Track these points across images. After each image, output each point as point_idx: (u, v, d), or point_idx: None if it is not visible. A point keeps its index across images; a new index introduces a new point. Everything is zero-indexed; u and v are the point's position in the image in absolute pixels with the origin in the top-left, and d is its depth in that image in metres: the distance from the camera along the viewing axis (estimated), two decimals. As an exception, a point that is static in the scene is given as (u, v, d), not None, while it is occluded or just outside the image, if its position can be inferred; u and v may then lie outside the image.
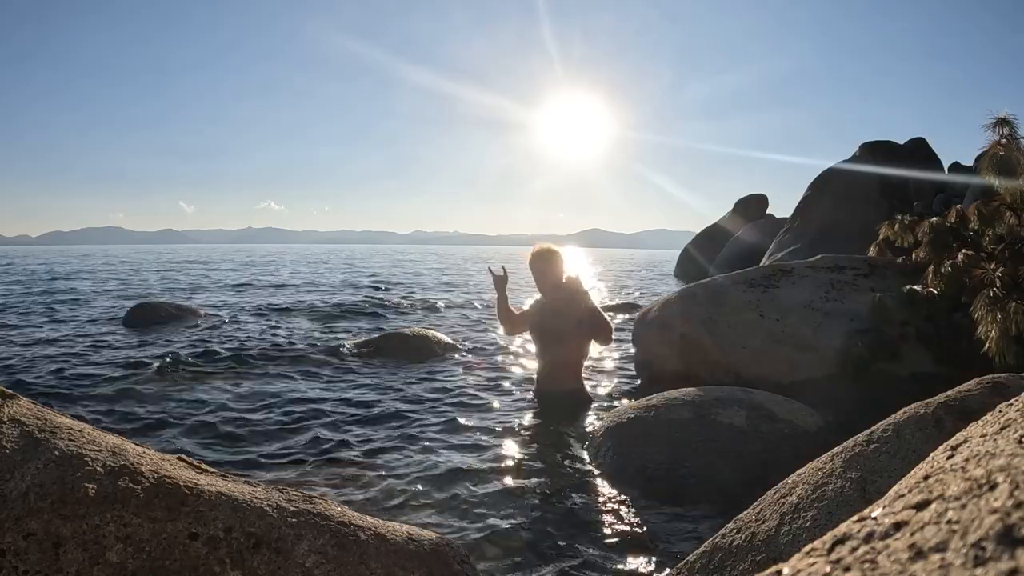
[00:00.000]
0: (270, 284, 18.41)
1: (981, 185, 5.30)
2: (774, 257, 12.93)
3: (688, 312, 5.26)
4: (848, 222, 11.51)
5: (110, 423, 4.42)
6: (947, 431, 1.70)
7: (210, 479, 1.56)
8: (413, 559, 1.61)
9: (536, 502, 3.17)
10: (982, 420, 1.01)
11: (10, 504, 1.31)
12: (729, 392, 3.81)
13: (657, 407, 3.71)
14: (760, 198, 23.37)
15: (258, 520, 1.47)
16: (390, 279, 21.08)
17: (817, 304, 4.93)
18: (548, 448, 3.98)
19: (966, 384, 2.08)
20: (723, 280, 5.55)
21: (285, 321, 10.10)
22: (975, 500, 0.51)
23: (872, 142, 13.90)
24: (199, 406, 4.91)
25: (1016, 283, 3.89)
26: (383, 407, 4.92)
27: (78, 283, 18.46)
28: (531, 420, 4.56)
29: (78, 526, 1.32)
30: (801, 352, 4.67)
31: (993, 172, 4.37)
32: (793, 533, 1.75)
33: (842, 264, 5.40)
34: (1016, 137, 4.44)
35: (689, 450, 3.35)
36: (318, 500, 1.63)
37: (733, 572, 1.76)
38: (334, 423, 4.49)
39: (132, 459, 1.49)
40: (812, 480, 1.90)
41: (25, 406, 1.58)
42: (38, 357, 6.79)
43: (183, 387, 5.55)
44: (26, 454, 1.42)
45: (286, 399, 5.14)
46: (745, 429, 3.40)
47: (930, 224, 5.14)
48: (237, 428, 4.35)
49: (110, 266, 30.26)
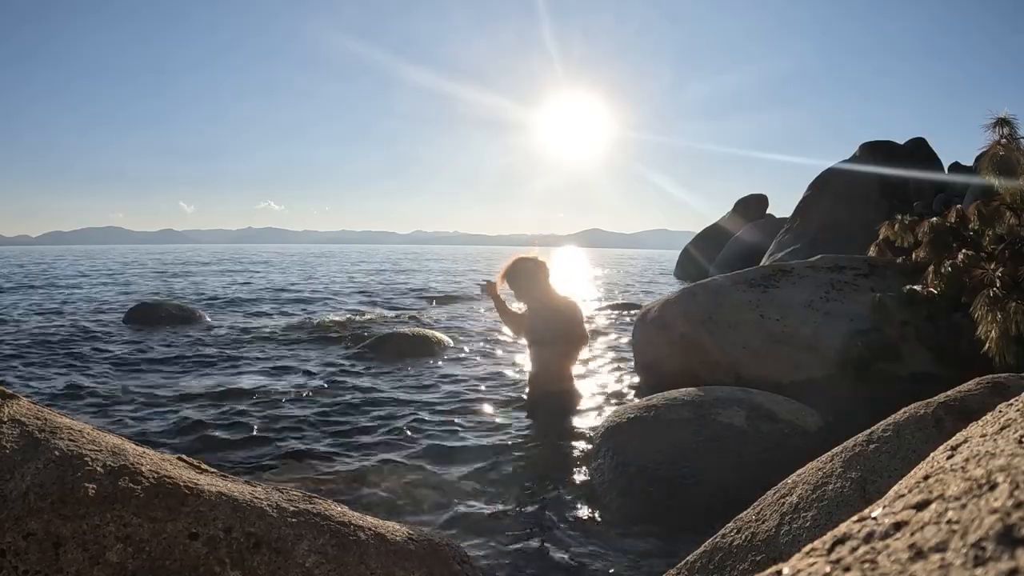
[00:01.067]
0: (272, 287, 18.42)
1: (981, 185, 5.30)
2: (774, 257, 12.93)
3: (688, 312, 5.26)
4: (848, 222, 11.51)
5: (107, 423, 4.42)
6: (947, 431, 1.70)
7: (210, 479, 1.56)
8: (413, 559, 1.61)
9: (536, 502, 3.18)
10: (982, 420, 1.01)
11: (10, 504, 1.31)
12: (729, 392, 3.81)
13: (657, 407, 3.71)
14: (760, 198, 23.38)
15: (258, 520, 1.47)
16: (402, 287, 21.07)
17: (817, 304, 4.93)
18: (548, 448, 3.98)
19: (966, 384, 2.08)
20: (723, 280, 5.55)
21: (286, 321, 10.10)
22: (975, 500, 0.51)
23: (872, 142, 13.90)
24: (199, 405, 4.91)
25: (1016, 283, 3.89)
26: (383, 407, 4.92)
27: (79, 283, 18.47)
28: (531, 420, 4.56)
29: (78, 526, 1.32)
30: (801, 352, 4.67)
31: (993, 172, 4.37)
32: (793, 533, 1.74)
33: (842, 264, 5.39)
34: (1016, 137, 4.44)
35: (689, 450, 3.35)
36: (318, 500, 1.63)
37: (733, 572, 1.76)
38: (334, 422, 4.49)
39: (132, 459, 1.49)
40: (812, 480, 1.90)
41: (25, 406, 1.58)
42: (38, 355, 6.79)
43: (182, 386, 5.55)
44: (26, 454, 1.42)
45: (285, 399, 5.14)
46: (745, 429, 3.40)
47: (930, 224, 5.14)
48: (237, 427, 4.35)
49: (111, 268, 30.26)
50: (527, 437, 4.21)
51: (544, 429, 4.33)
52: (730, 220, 22.66)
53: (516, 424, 4.46)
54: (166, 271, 25.93)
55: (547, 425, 4.38)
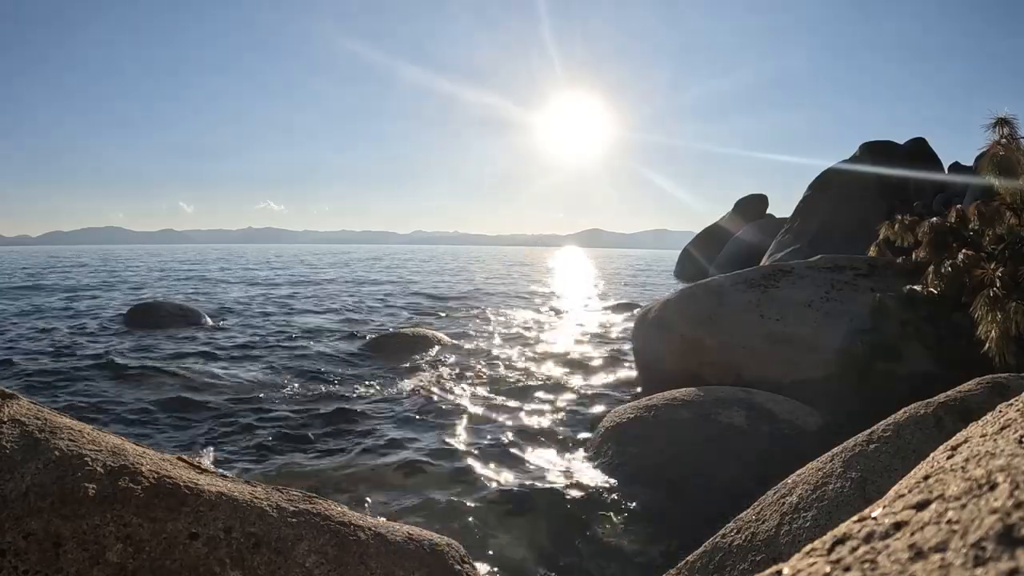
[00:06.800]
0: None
1: (981, 185, 5.30)
2: (774, 257, 12.92)
3: (688, 312, 5.26)
4: (848, 222, 11.51)
5: (108, 423, 4.42)
6: (947, 431, 1.70)
7: (210, 479, 1.56)
8: (413, 559, 1.61)
9: (536, 502, 3.17)
10: (982, 420, 1.01)
11: (10, 504, 1.31)
12: (729, 392, 3.81)
13: (657, 407, 3.71)
14: (760, 198, 23.38)
15: (258, 520, 1.47)
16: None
17: (817, 304, 4.92)
18: (548, 448, 3.98)
19: (966, 384, 2.08)
20: (723, 280, 5.55)
21: (286, 322, 10.10)
22: (975, 500, 0.51)
23: (872, 142, 13.89)
24: (199, 405, 4.91)
25: (1016, 283, 3.89)
26: (383, 406, 4.92)
27: (80, 282, 18.45)
28: (531, 420, 4.56)
29: (78, 526, 1.32)
30: (801, 352, 4.67)
31: (993, 172, 4.36)
32: (793, 533, 1.74)
33: (842, 264, 5.39)
34: (1016, 137, 4.43)
35: (689, 450, 3.35)
36: (318, 500, 1.63)
37: (733, 572, 1.76)
38: (334, 422, 4.49)
39: (132, 459, 1.49)
40: (812, 480, 1.90)
41: (25, 406, 1.58)
42: (38, 353, 6.79)
43: (182, 386, 5.54)
44: (26, 454, 1.42)
45: (285, 399, 5.13)
46: (745, 429, 3.40)
47: (930, 224, 5.13)
48: (236, 427, 4.35)
49: (113, 269, 30.21)
50: (527, 436, 4.20)
51: (547, 429, 4.33)
52: (730, 220, 22.66)
53: (518, 423, 4.45)
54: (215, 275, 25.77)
55: (550, 425, 4.38)
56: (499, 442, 4.07)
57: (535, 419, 4.58)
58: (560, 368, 6.59)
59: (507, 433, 4.27)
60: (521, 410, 4.85)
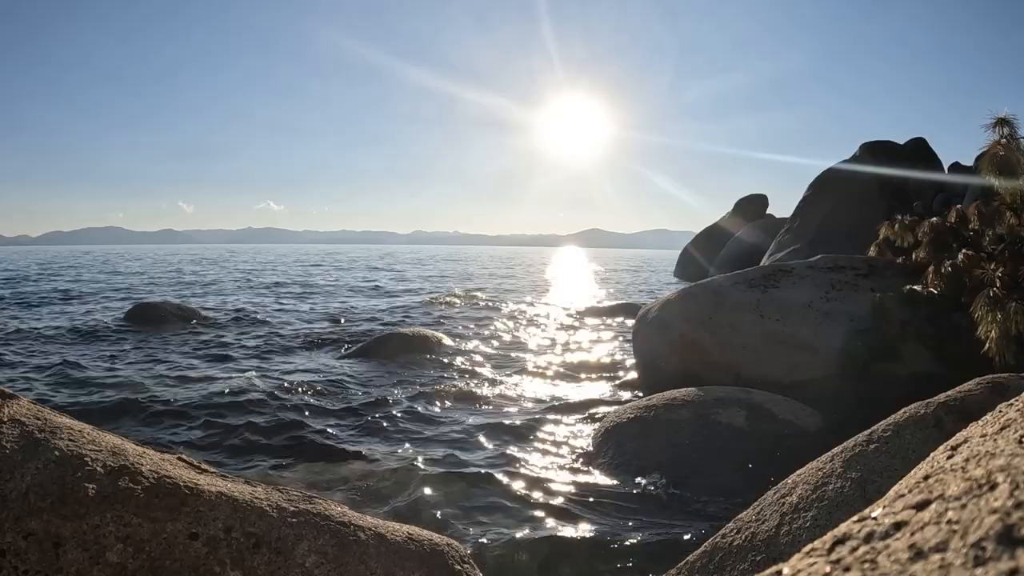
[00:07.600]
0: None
1: (981, 185, 5.30)
2: (774, 257, 12.93)
3: (688, 312, 5.26)
4: (848, 222, 11.51)
5: (107, 423, 4.42)
6: (947, 431, 1.70)
7: (210, 479, 1.55)
8: (413, 559, 1.61)
9: (536, 502, 3.17)
10: (982, 420, 1.01)
11: (10, 504, 1.31)
12: (729, 392, 3.81)
13: (657, 407, 3.71)
14: (760, 198, 23.39)
15: (258, 520, 1.47)
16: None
17: (817, 304, 4.92)
18: (548, 448, 3.98)
19: (966, 384, 2.08)
20: (723, 280, 5.55)
21: (286, 322, 10.10)
22: (975, 500, 0.51)
23: (872, 142, 13.89)
24: (198, 404, 4.90)
25: (1016, 283, 3.89)
26: (382, 406, 4.92)
27: (80, 282, 18.45)
28: (531, 420, 4.56)
29: (78, 526, 1.32)
30: (801, 352, 4.67)
31: (993, 172, 4.36)
32: (793, 533, 1.75)
33: (842, 264, 5.39)
34: (1016, 137, 4.43)
35: (689, 450, 3.35)
36: (318, 500, 1.63)
37: (733, 572, 1.76)
38: (333, 422, 4.49)
39: (132, 459, 1.49)
40: (812, 480, 1.90)
41: (25, 406, 1.58)
42: (37, 352, 6.79)
43: (181, 385, 5.54)
44: (26, 454, 1.42)
45: (285, 398, 5.13)
46: (745, 429, 3.40)
47: (930, 224, 5.13)
48: (235, 427, 4.35)
49: (113, 269, 30.22)
50: (527, 437, 4.20)
51: (547, 428, 4.33)
52: (730, 220, 22.67)
53: (517, 423, 4.45)
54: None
55: (550, 424, 4.38)
56: (498, 442, 4.07)
57: (535, 419, 4.58)
58: (560, 368, 6.59)
59: (506, 433, 4.27)
60: (520, 410, 4.85)
